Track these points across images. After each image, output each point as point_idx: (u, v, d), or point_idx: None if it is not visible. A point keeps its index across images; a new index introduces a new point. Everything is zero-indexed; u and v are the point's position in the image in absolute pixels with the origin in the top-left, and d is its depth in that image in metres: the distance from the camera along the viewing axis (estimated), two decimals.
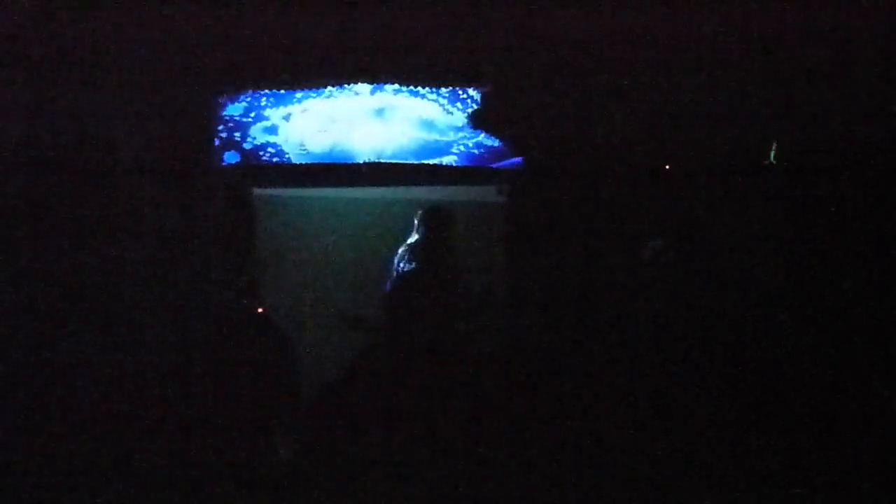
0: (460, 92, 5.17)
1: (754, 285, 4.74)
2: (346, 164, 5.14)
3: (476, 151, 5.22)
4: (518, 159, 5.14)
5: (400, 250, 4.73)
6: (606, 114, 4.87)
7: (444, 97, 5.18)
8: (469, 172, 5.19)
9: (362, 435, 4.32)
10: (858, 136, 4.72)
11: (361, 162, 5.15)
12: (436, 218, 4.74)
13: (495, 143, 5.22)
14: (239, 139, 5.18)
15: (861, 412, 4.36)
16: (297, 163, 5.15)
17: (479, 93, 5.16)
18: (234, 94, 5.17)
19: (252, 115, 5.21)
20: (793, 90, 4.79)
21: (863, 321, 4.57)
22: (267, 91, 5.17)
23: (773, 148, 4.94)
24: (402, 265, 4.69)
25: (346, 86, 5.09)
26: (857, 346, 4.54)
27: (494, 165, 5.22)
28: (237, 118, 5.18)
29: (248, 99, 5.21)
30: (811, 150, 4.80)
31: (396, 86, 5.09)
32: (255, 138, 5.19)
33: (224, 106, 5.17)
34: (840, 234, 4.71)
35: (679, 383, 4.46)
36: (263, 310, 4.77)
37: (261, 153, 5.20)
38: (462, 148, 5.21)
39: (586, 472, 4.25)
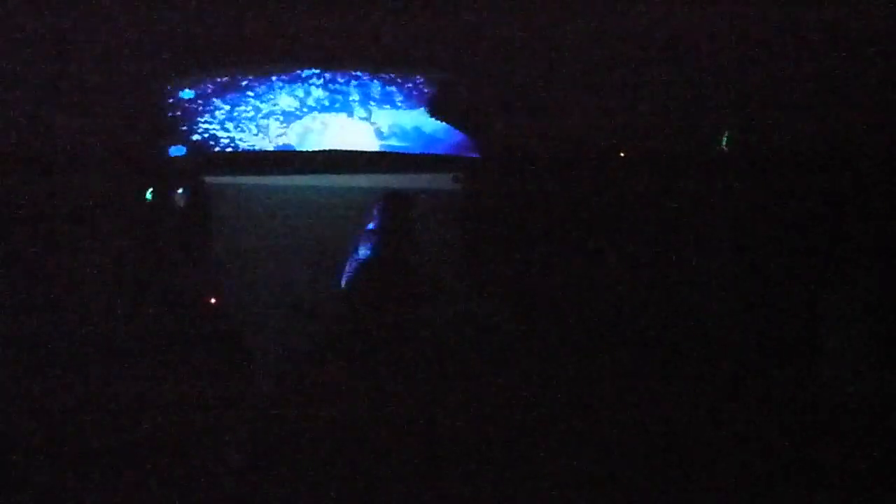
0: (416, 80, 5.14)
1: (715, 273, 4.79)
2: (300, 151, 5.07)
3: (431, 139, 5.19)
4: (467, 145, 5.12)
5: (357, 238, 4.68)
6: (567, 102, 4.87)
7: (399, 84, 5.14)
8: (425, 160, 5.15)
9: (320, 427, 4.25)
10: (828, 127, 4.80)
11: (316, 150, 5.08)
12: (394, 205, 4.69)
13: (451, 131, 5.19)
14: (188, 127, 5.07)
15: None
16: (250, 150, 5.05)
17: (435, 81, 5.13)
18: (183, 80, 5.06)
19: (201, 102, 5.10)
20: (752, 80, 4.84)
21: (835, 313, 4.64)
22: (218, 78, 5.07)
23: (726, 135, 5.00)
24: (359, 252, 4.64)
25: (300, 72, 5.02)
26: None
27: (447, 152, 5.20)
28: (186, 106, 5.07)
29: (198, 86, 5.10)
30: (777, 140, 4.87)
31: (351, 73, 5.04)
32: (205, 126, 5.08)
33: (172, 93, 5.06)
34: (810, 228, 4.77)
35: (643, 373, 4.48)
36: (216, 301, 4.68)
37: (211, 142, 5.09)
38: (418, 136, 5.18)
39: (545, 461, 4.24)
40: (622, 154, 5.03)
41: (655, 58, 4.74)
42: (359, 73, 5.03)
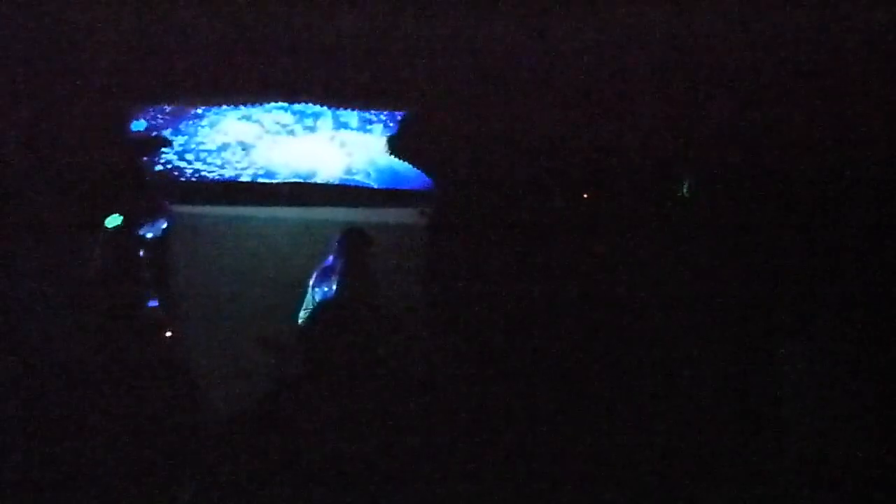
0: (381, 114, 5.14)
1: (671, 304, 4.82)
2: (263, 183, 5.04)
3: (395, 174, 5.18)
4: (429, 181, 5.13)
5: (316, 272, 4.62)
6: (528, 138, 4.89)
7: (364, 119, 5.14)
8: (389, 194, 5.14)
9: (276, 459, 4.16)
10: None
11: (279, 181, 5.05)
12: (353, 240, 4.64)
13: (413, 166, 5.20)
14: (152, 156, 5.03)
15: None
16: (214, 180, 5.02)
17: (399, 115, 5.14)
18: (149, 109, 5.03)
19: (164, 131, 5.07)
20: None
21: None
22: (182, 107, 5.04)
23: (686, 182, 5.05)
24: (318, 287, 4.58)
25: (264, 104, 5.01)
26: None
27: (410, 187, 5.19)
28: (152, 133, 5.04)
29: (162, 115, 5.07)
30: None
31: (317, 106, 5.03)
32: (172, 154, 5.05)
33: (137, 121, 5.03)
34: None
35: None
36: (172, 333, 4.61)
37: (175, 171, 5.05)
38: (382, 170, 5.17)
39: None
40: (585, 196, 5.08)
41: (621, 90, 4.77)
42: (323, 105, 5.03)
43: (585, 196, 5.06)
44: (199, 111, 5.02)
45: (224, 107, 5.01)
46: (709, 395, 4.39)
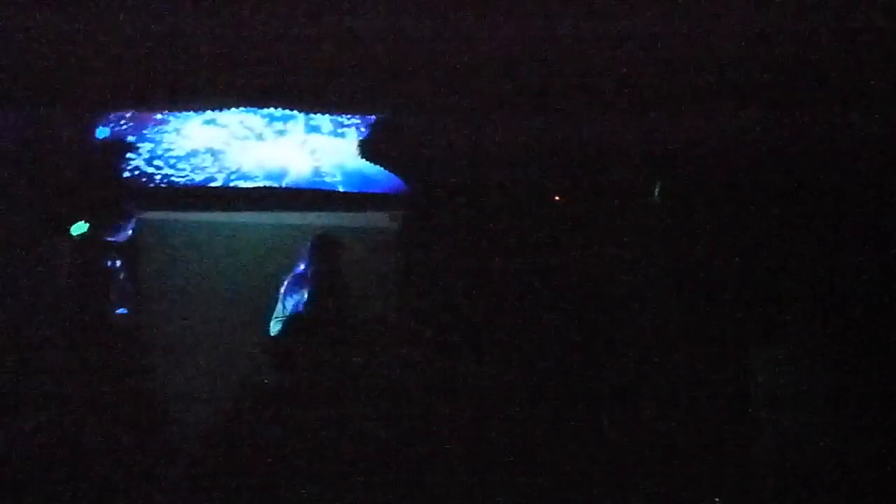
0: (352, 118, 5.10)
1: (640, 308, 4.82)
2: (232, 188, 4.98)
3: (366, 178, 5.15)
4: (401, 184, 5.10)
5: (287, 280, 4.58)
6: (500, 141, 4.87)
7: (336, 123, 5.10)
8: (360, 199, 5.10)
9: (251, 469, 4.12)
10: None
11: (249, 186, 4.99)
12: (325, 247, 4.60)
13: (385, 169, 5.16)
14: (120, 161, 4.96)
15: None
16: (182, 186, 4.95)
17: (370, 119, 5.09)
18: (115, 114, 4.95)
19: (130, 137, 5.00)
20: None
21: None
22: (149, 113, 4.97)
23: (657, 185, 5.06)
24: (290, 295, 4.54)
25: (234, 109, 4.94)
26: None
27: (382, 191, 5.17)
28: (117, 139, 4.97)
29: (127, 121, 5.00)
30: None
31: (287, 110, 4.98)
32: (138, 160, 4.98)
33: (101, 128, 4.95)
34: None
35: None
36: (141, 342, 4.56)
37: (142, 177, 4.98)
38: (353, 174, 5.13)
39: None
40: (557, 198, 5.08)
41: (593, 93, 4.76)
42: (294, 111, 4.97)
43: (557, 199, 5.06)
44: (166, 116, 4.94)
45: (192, 111, 4.93)
46: (687, 398, 4.42)
